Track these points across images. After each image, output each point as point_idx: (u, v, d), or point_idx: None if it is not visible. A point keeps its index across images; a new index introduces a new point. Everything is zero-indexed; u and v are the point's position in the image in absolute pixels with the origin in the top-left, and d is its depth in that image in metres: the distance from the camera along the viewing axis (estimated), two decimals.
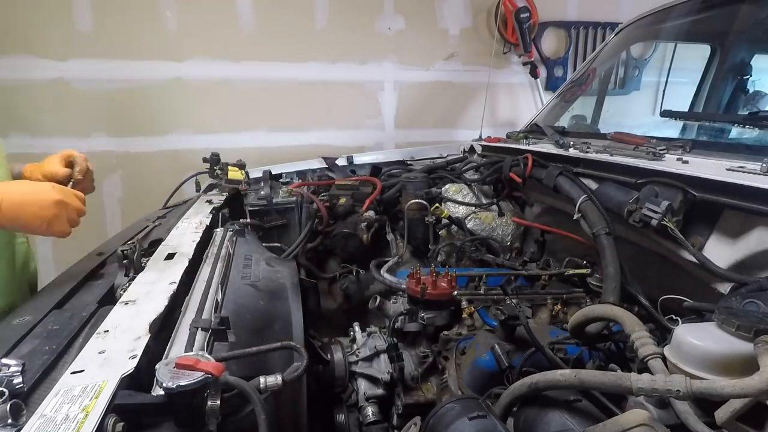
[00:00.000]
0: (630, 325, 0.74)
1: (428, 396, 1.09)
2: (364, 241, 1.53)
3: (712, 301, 0.86)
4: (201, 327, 0.70)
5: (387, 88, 3.09)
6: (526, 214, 1.80)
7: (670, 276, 1.12)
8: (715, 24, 1.83)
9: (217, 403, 0.54)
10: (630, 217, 1.09)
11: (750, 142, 1.36)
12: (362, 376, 1.07)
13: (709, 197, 0.97)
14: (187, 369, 0.54)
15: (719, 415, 0.58)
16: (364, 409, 1.02)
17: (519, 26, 3.10)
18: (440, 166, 2.01)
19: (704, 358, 0.62)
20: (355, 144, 3.03)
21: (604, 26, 3.33)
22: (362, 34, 2.95)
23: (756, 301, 0.74)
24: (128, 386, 0.58)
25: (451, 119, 3.26)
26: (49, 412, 0.51)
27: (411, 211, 1.58)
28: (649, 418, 0.57)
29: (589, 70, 2.06)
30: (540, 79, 3.34)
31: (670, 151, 1.23)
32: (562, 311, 1.25)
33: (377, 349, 1.11)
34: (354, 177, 1.96)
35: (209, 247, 1.10)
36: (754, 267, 0.92)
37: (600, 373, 0.65)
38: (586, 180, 1.31)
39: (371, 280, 1.33)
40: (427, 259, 1.58)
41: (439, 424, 0.72)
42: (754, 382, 0.53)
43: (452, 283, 1.14)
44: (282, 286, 1.04)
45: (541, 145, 1.67)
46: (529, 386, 0.70)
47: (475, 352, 1.02)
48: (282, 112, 2.91)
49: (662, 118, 1.67)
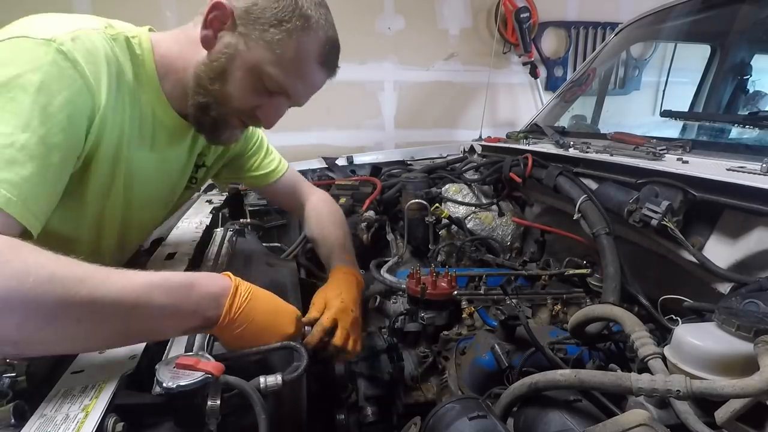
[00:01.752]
0: (630, 325, 0.74)
1: (428, 396, 1.09)
2: (364, 241, 1.52)
3: (712, 301, 0.86)
4: None
5: (387, 88, 3.09)
6: (526, 214, 1.80)
7: (670, 276, 1.13)
8: (715, 24, 1.83)
9: (217, 403, 0.54)
10: (630, 217, 1.09)
11: (750, 142, 1.36)
12: (362, 376, 1.07)
13: (709, 197, 0.97)
14: (187, 369, 0.54)
15: (719, 415, 0.58)
16: (364, 409, 1.02)
17: (519, 26, 3.10)
18: (440, 166, 2.01)
19: (704, 358, 0.62)
20: (355, 144, 3.03)
21: (604, 26, 3.33)
22: (362, 34, 2.95)
23: (756, 301, 0.74)
24: (128, 386, 0.58)
25: (451, 119, 3.26)
26: (49, 412, 0.51)
27: (411, 211, 1.58)
28: (649, 418, 0.57)
29: (589, 70, 2.06)
30: (540, 79, 3.34)
31: (670, 151, 1.23)
32: (562, 311, 1.25)
33: (377, 349, 1.10)
34: (354, 177, 1.96)
35: (209, 247, 1.10)
36: (754, 267, 0.92)
37: (600, 373, 0.65)
38: (586, 180, 1.31)
39: (371, 280, 1.32)
40: (427, 259, 1.58)
41: (439, 424, 0.72)
42: (754, 382, 0.53)
43: (452, 283, 1.14)
44: (282, 286, 1.05)
45: (541, 145, 1.67)
46: (529, 386, 0.70)
47: (475, 352, 1.02)
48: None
49: (662, 118, 1.67)
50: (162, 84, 0.83)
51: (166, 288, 0.60)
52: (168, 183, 0.98)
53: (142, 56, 0.80)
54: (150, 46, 0.82)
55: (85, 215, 0.81)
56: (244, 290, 0.69)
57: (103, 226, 0.86)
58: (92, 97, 0.69)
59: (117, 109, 0.76)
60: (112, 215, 0.86)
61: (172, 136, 0.90)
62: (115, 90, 0.74)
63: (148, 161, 0.87)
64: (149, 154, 0.87)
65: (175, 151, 0.94)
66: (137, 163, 0.85)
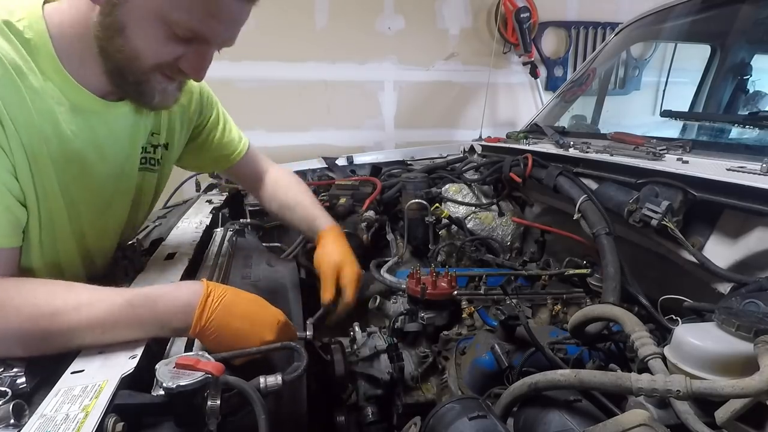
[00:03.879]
0: (630, 325, 0.74)
1: (428, 396, 1.09)
2: (364, 241, 1.52)
3: (712, 301, 0.86)
4: None
5: (387, 88, 3.09)
6: (526, 214, 1.80)
7: (670, 276, 1.13)
8: (715, 24, 1.83)
9: (217, 403, 0.54)
10: (630, 217, 1.09)
11: (750, 142, 1.36)
12: (362, 376, 1.07)
13: (709, 197, 0.97)
14: (187, 369, 0.54)
15: (719, 415, 0.58)
16: (364, 409, 1.02)
17: (519, 26, 3.11)
18: (440, 166, 2.01)
19: (704, 358, 0.62)
20: (355, 144, 3.03)
21: (604, 26, 3.33)
22: (362, 34, 2.95)
23: (756, 301, 0.74)
24: (128, 386, 0.58)
25: (451, 119, 3.26)
26: (49, 412, 0.51)
27: (411, 211, 1.58)
28: (649, 418, 0.57)
29: (589, 70, 2.06)
30: (540, 79, 3.34)
31: (670, 151, 1.23)
32: (562, 311, 1.25)
33: (377, 349, 1.10)
34: (354, 177, 1.96)
35: (209, 247, 1.10)
36: (754, 267, 0.92)
37: (600, 373, 0.65)
38: (586, 180, 1.31)
39: (371, 280, 1.32)
40: (427, 259, 1.58)
41: (439, 424, 0.72)
42: (754, 382, 0.53)
43: (452, 283, 1.14)
44: (282, 286, 1.05)
45: (541, 145, 1.67)
46: (529, 386, 0.70)
47: (475, 352, 1.02)
48: (281, 111, 2.90)
49: (662, 118, 1.67)
50: (66, 63, 0.73)
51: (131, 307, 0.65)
52: (112, 168, 0.87)
53: (33, 40, 0.70)
54: (43, 24, 0.71)
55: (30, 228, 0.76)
56: (217, 297, 0.69)
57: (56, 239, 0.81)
58: None
59: (13, 107, 0.68)
60: (60, 219, 0.81)
61: (97, 117, 0.80)
62: (3, 89, 0.66)
63: (77, 151, 0.79)
64: (74, 144, 0.78)
65: (107, 133, 0.83)
66: (63, 155, 0.77)
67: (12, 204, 0.70)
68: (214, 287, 0.70)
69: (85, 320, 0.63)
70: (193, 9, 0.68)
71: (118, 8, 0.67)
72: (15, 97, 0.68)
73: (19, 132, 0.69)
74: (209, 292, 0.69)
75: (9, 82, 0.67)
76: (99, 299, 0.65)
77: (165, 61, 0.73)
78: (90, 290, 0.66)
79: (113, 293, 0.66)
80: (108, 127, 0.83)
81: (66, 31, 0.73)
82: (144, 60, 0.72)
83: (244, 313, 0.70)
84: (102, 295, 0.65)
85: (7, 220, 0.69)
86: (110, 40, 0.70)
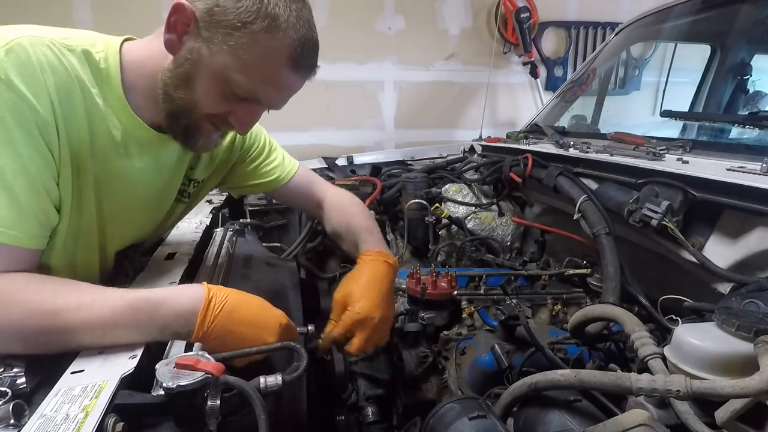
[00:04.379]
0: (630, 325, 0.74)
1: (428, 396, 1.09)
2: None
3: (712, 301, 0.86)
4: None
5: (387, 88, 3.08)
6: (526, 214, 1.80)
7: (670, 276, 1.13)
8: (715, 24, 1.83)
9: (217, 403, 0.54)
10: (630, 217, 1.09)
11: (750, 142, 1.36)
12: (362, 376, 1.07)
13: (709, 197, 0.97)
14: (187, 369, 0.54)
15: (719, 415, 0.58)
16: (364, 409, 1.02)
17: (519, 26, 3.10)
18: (440, 166, 2.01)
19: (704, 358, 0.62)
20: (355, 144, 3.02)
21: (604, 26, 3.32)
22: (362, 33, 2.94)
23: (756, 301, 0.74)
24: (128, 386, 0.58)
25: (451, 119, 3.25)
26: (49, 412, 0.51)
27: (411, 211, 1.59)
28: (649, 418, 0.57)
29: (589, 70, 2.06)
30: (540, 79, 3.34)
31: (670, 151, 1.23)
32: (562, 311, 1.25)
33: (377, 349, 1.10)
34: (354, 177, 1.96)
35: (209, 247, 1.10)
36: (754, 267, 0.92)
37: (600, 373, 0.65)
38: (586, 180, 1.32)
39: None
40: (427, 259, 1.58)
41: (439, 424, 0.72)
42: (754, 382, 0.53)
43: (452, 283, 1.14)
44: (282, 286, 1.04)
45: (541, 145, 1.67)
46: (529, 386, 0.70)
47: (475, 352, 1.02)
48: (281, 111, 2.86)
49: (662, 118, 1.67)
50: (130, 95, 0.79)
51: (132, 310, 0.65)
52: (149, 195, 0.92)
53: (106, 70, 0.76)
54: (117, 58, 0.78)
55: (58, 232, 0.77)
56: (219, 301, 0.69)
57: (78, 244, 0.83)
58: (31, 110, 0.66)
59: (70, 119, 0.71)
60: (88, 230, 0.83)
61: (145, 147, 0.85)
62: (65, 100, 0.70)
63: (121, 173, 0.83)
64: (122, 166, 0.83)
65: (153, 163, 0.89)
66: (108, 174, 0.81)
67: (48, 208, 0.71)
68: (216, 292, 0.70)
69: (85, 321, 0.63)
70: (255, 75, 0.74)
71: (189, 62, 0.74)
72: (73, 109, 0.72)
73: (71, 142, 0.72)
74: (211, 297, 0.69)
75: (71, 93, 0.71)
76: (100, 301, 0.65)
77: (217, 113, 0.80)
78: (93, 291, 0.66)
79: (115, 295, 0.66)
80: (155, 157, 0.88)
81: (137, 69, 0.79)
82: (199, 109, 0.78)
83: (247, 317, 0.71)
84: (104, 297, 0.66)
85: (39, 223, 0.70)
86: (176, 87, 0.76)
